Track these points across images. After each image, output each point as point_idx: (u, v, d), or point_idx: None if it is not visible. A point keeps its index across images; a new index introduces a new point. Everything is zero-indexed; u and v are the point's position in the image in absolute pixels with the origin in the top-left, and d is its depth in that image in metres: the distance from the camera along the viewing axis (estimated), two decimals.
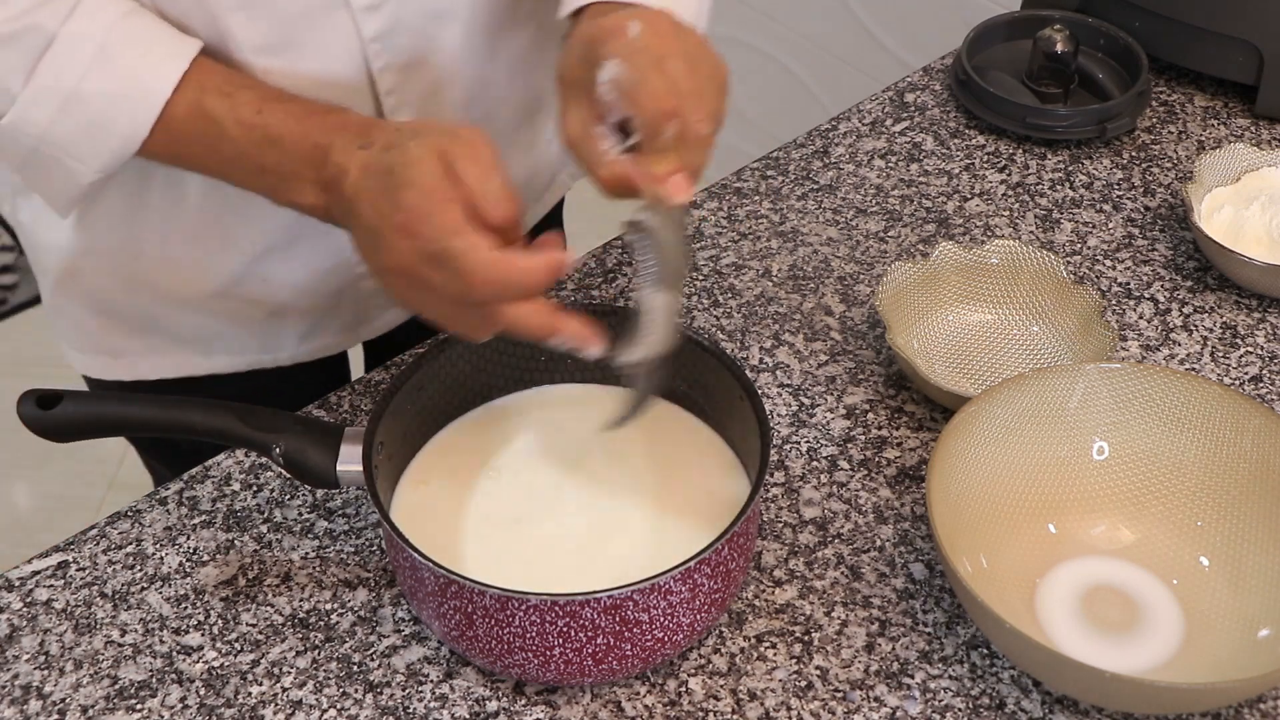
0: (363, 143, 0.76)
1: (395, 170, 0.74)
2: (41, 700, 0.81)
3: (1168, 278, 1.06)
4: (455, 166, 0.73)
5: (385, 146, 0.75)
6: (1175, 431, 0.87)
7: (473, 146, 0.74)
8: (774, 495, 0.91)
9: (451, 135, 0.74)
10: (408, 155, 0.74)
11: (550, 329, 0.76)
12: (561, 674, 0.77)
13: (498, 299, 0.74)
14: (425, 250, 0.73)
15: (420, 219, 0.73)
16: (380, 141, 0.76)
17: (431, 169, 0.73)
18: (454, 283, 0.73)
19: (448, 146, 0.74)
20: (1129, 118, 1.17)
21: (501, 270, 0.72)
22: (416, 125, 0.77)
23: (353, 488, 0.82)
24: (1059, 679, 0.78)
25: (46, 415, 0.80)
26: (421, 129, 0.75)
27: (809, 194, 1.13)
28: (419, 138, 0.75)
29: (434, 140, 0.74)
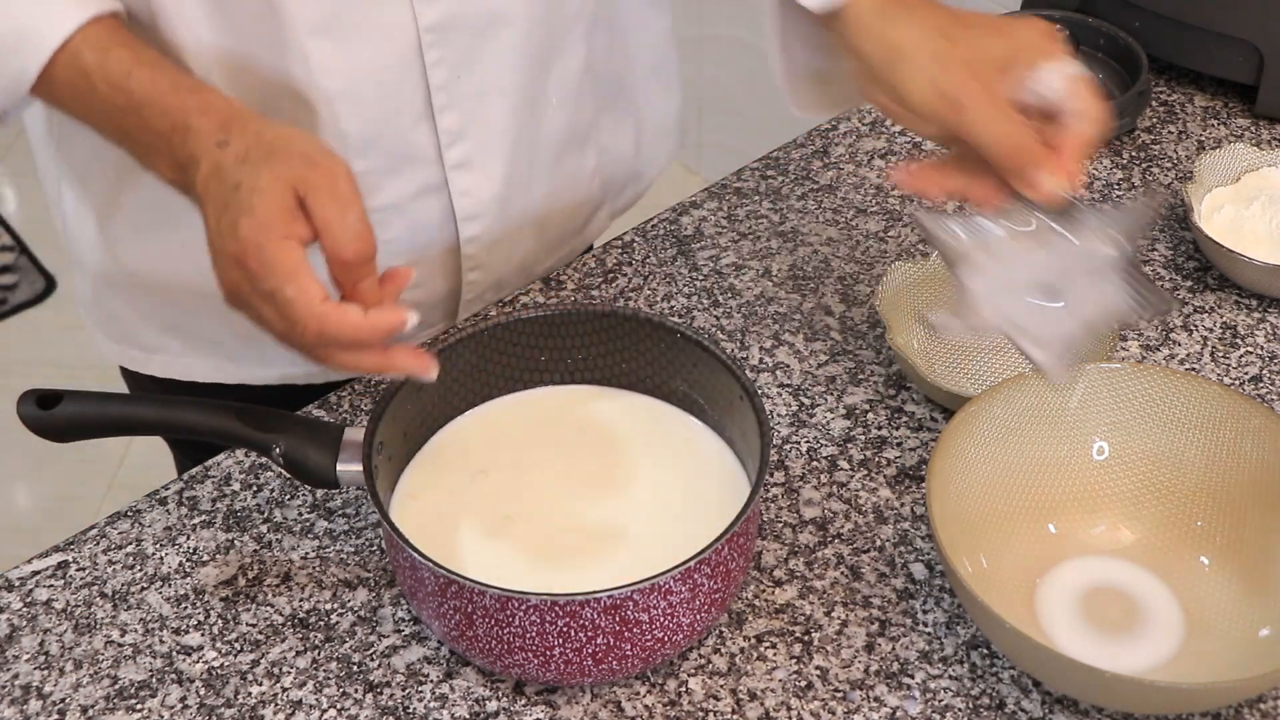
0: (220, 139, 0.74)
1: (241, 192, 0.72)
2: (41, 700, 0.81)
3: (1168, 278, 1.06)
4: (307, 199, 0.72)
5: (240, 157, 0.73)
6: (1175, 432, 0.87)
7: (331, 177, 0.72)
8: (774, 495, 0.91)
9: (310, 163, 0.73)
10: (257, 180, 0.72)
11: (381, 368, 0.75)
12: (561, 674, 0.77)
13: (324, 347, 0.73)
14: (257, 287, 0.72)
15: (253, 253, 0.71)
16: (236, 146, 0.74)
17: (276, 202, 0.71)
18: (281, 323, 0.73)
19: (303, 175, 0.72)
20: (1129, 118, 1.17)
21: (332, 324, 0.71)
22: (278, 138, 0.74)
23: (353, 488, 0.82)
24: (1059, 679, 0.78)
25: (46, 415, 0.80)
26: (280, 147, 0.73)
27: (809, 194, 1.13)
28: (273, 161, 0.72)
29: (289, 169, 0.72)
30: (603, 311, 0.89)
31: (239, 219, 0.71)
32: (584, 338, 0.89)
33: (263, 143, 0.74)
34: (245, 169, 0.72)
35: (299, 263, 0.71)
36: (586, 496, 0.84)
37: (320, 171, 0.72)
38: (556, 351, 0.90)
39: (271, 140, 0.74)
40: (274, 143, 0.74)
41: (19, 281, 2.51)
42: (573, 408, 0.89)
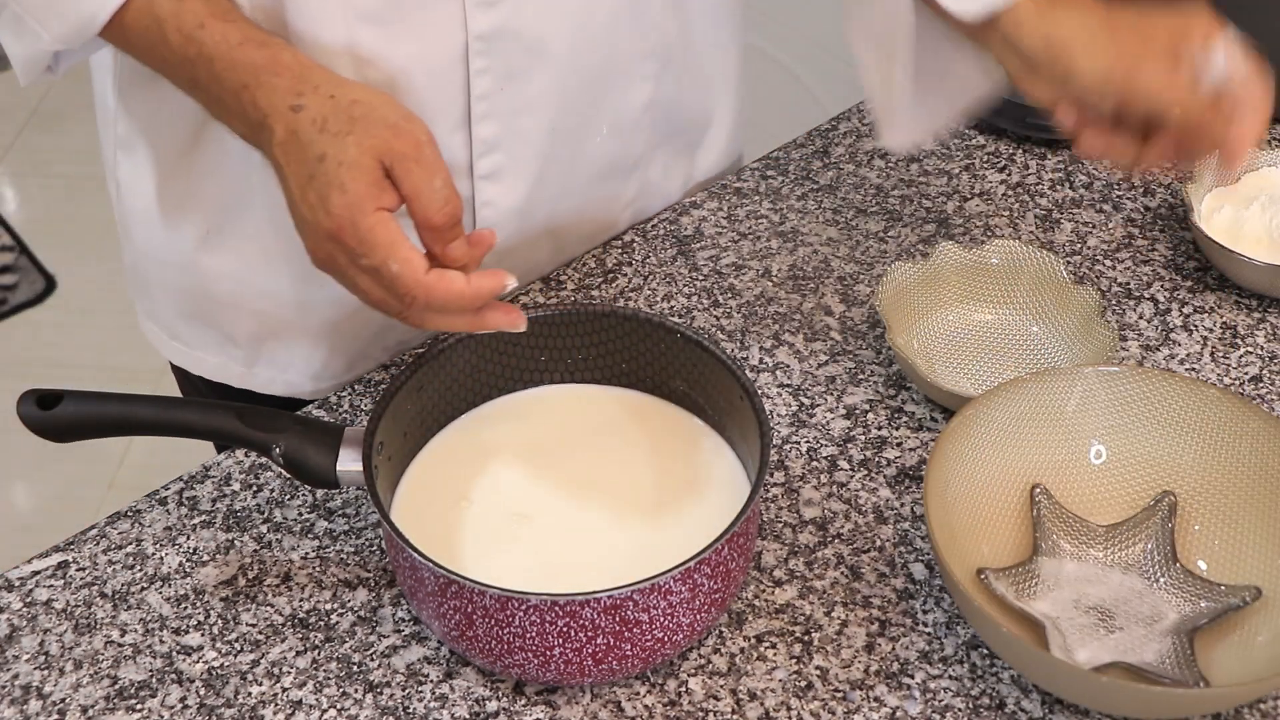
0: (294, 102, 0.74)
1: (327, 164, 0.72)
2: (41, 700, 0.81)
3: (1168, 278, 1.06)
4: (395, 169, 0.72)
5: (318, 124, 0.73)
6: (1173, 435, 0.87)
7: (416, 145, 0.73)
8: (774, 495, 0.91)
9: (393, 130, 0.73)
10: (343, 153, 0.72)
11: (476, 327, 0.76)
12: (561, 674, 0.77)
13: (427, 312, 0.74)
14: (355, 261, 0.72)
15: (349, 230, 0.72)
16: (312, 109, 0.74)
17: (366, 176, 0.72)
18: (381, 293, 0.73)
19: (389, 145, 0.72)
20: None
21: (439, 294, 0.73)
22: (356, 103, 0.74)
23: (353, 488, 0.82)
24: (1056, 683, 0.78)
25: (46, 415, 0.80)
26: (362, 114, 0.73)
27: (809, 194, 1.13)
28: (357, 131, 0.72)
29: (374, 138, 0.72)
30: (603, 311, 0.89)
31: (329, 194, 0.72)
32: (584, 338, 0.89)
33: (341, 109, 0.73)
34: (327, 138, 0.72)
35: (397, 235, 0.72)
36: (586, 496, 0.84)
37: (405, 139, 0.73)
38: (556, 351, 0.90)
39: (350, 106, 0.73)
40: (353, 109, 0.73)
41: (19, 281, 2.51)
42: (572, 408, 0.89)
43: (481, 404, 0.90)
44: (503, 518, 0.84)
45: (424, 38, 0.86)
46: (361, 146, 0.72)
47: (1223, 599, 0.82)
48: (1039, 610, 0.82)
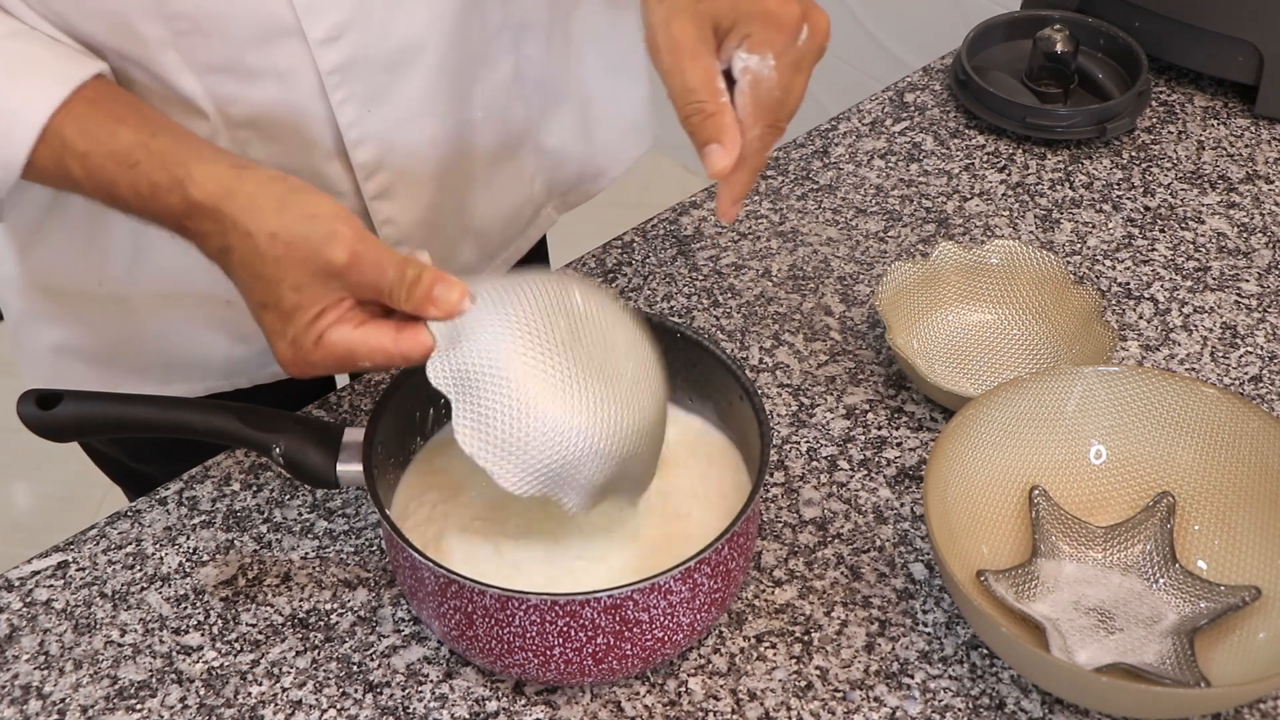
0: (221, 244, 0.74)
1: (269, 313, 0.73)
2: (41, 700, 0.81)
3: (1167, 278, 1.06)
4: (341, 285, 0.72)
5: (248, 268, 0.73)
6: (1173, 435, 0.87)
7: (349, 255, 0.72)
8: (774, 495, 0.91)
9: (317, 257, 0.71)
10: (282, 301, 0.72)
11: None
12: (561, 674, 0.77)
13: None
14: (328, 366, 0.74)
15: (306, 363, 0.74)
16: (238, 252, 0.73)
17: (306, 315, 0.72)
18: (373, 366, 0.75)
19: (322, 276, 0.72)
20: (1129, 118, 1.17)
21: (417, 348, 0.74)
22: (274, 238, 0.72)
23: (353, 488, 0.82)
24: (1055, 683, 0.78)
25: (46, 415, 0.80)
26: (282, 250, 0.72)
27: (809, 194, 1.14)
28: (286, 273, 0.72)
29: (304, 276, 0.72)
30: None
31: (277, 340, 0.73)
32: None
33: (261, 250, 0.72)
34: (261, 285, 0.73)
35: (348, 339, 0.73)
36: None
37: (334, 259, 0.71)
38: None
39: (269, 243, 0.72)
40: (273, 247, 0.72)
41: None
42: None
43: None
44: (502, 517, 0.83)
45: (276, 80, 0.84)
46: (299, 294, 0.72)
47: (1222, 599, 0.82)
48: (1039, 612, 0.82)
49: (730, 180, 0.77)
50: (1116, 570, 0.85)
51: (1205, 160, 1.16)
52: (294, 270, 0.72)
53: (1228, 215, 1.11)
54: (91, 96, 0.76)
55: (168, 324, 0.97)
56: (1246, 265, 1.07)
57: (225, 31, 0.80)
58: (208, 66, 0.82)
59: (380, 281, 0.72)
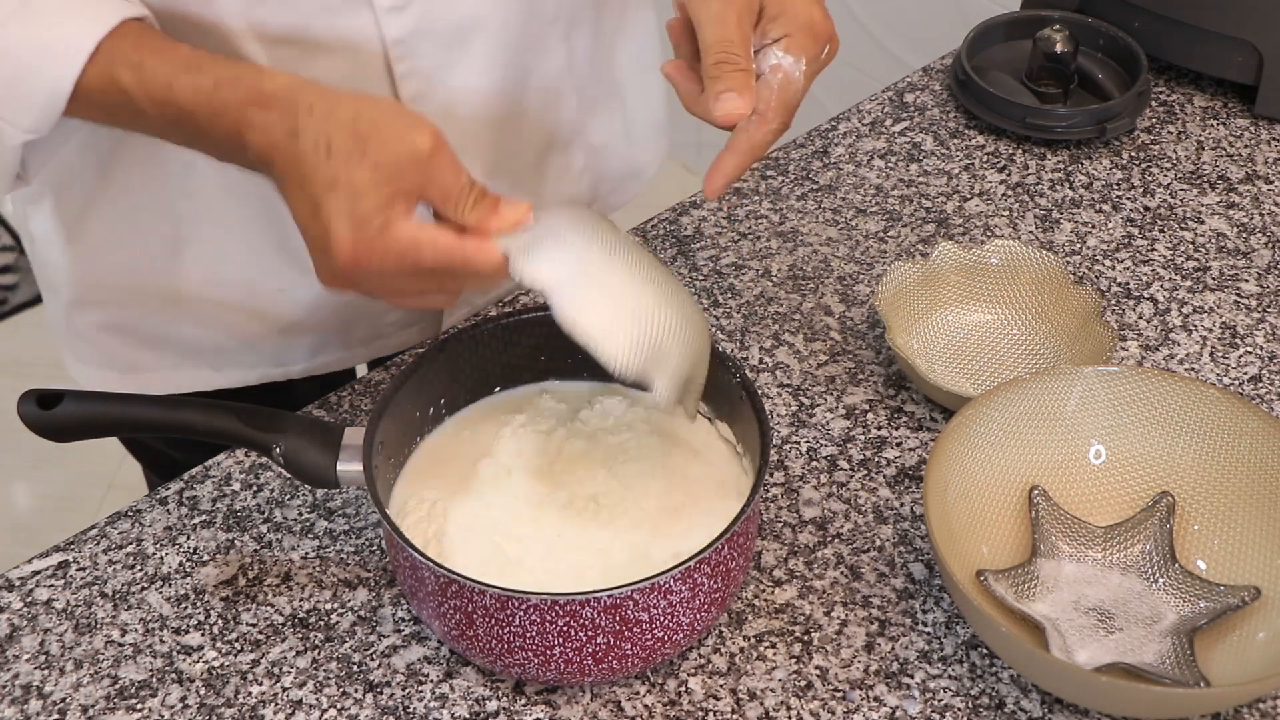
0: (290, 129, 0.72)
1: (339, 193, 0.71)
2: (42, 700, 0.81)
3: (1167, 278, 1.06)
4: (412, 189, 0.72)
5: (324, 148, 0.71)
6: (1172, 435, 0.87)
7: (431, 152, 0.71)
8: (774, 495, 0.91)
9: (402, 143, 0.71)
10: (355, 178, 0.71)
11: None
12: (561, 674, 0.77)
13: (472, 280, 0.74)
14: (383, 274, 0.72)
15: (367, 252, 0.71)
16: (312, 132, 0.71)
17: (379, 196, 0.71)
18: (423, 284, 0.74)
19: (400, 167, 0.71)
20: (1128, 118, 1.17)
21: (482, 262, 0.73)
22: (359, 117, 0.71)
23: (353, 488, 0.82)
24: (1055, 683, 0.78)
25: (47, 415, 0.80)
26: (366, 129, 0.71)
27: (809, 194, 1.14)
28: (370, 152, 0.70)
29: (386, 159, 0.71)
30: None
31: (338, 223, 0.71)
32: None
33: (343, 126, 0.71)
34: (337, 164, 0.71)
35: (415, 232, 0.72)
36: (585, 496, 0.84)
37: (415, 152, 0.71)
38: (557, 352, 0.90)
39: (353, 122, 0.71)
40: (357, 124, 0.71)
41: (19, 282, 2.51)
42: (573, 408, 0.89)
43: (481, 404, 0.90)
44: (502, 516, 0.84)
45: (340, 52, 0.86)
46: (376, 173, 0.71)
47: (1222, 599, 0.82)
48: (1038, 612, 0.82)
49: (726, 161, 0.79)
50: (1116, 570, 0.85)
51: (1205, 160, 1.16)
52: (376, 148, 0.70)
53: (1227, 215, 1.11)
54: (139, 28, 0.76)
55: (215, 311, 0.98)
56: (1246, 265, 1.07)
57: (296, 1, 0.82)
58: (275, 37, 0.83)
59: (455, 182, 0.72)
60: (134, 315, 1.00)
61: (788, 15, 0.80)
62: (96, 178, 0.92)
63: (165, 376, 1.03)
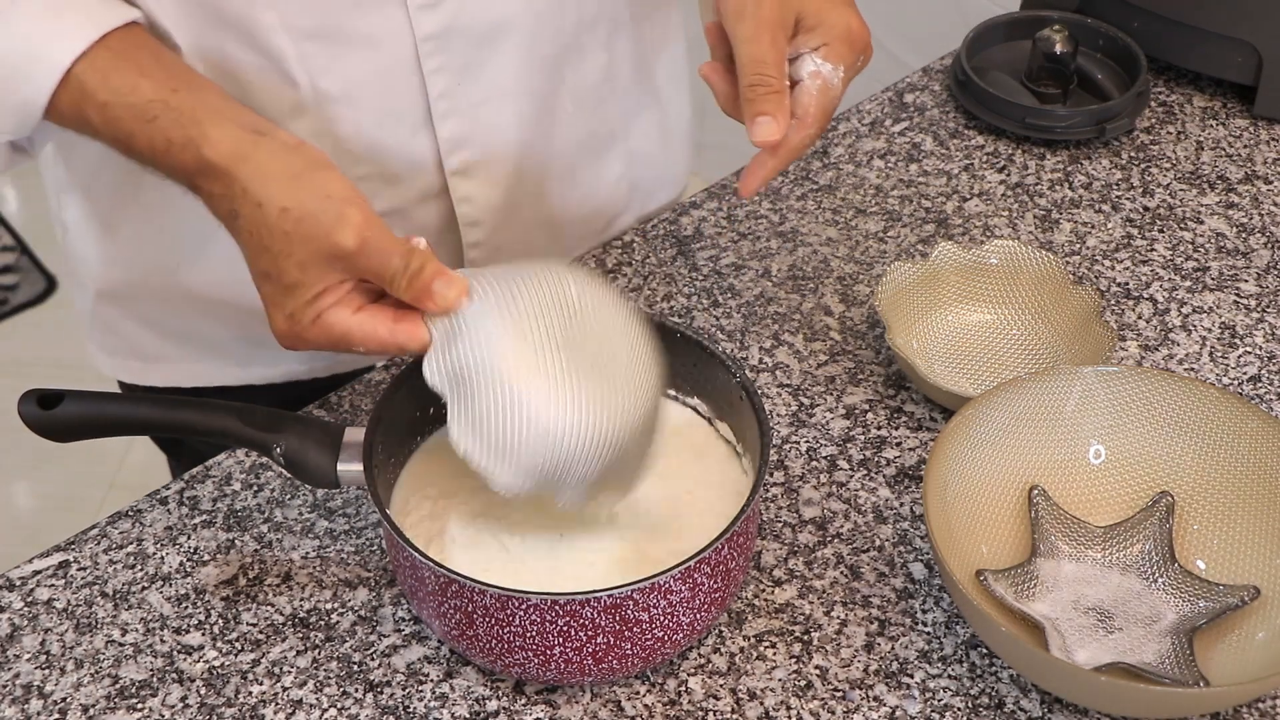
0: (230, 208, 0.73)
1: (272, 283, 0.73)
2: (42, 699, 0.81)
3: (1166, 278, 1.06)
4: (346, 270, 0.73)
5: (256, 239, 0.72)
6: (1171, 435, 0.87)
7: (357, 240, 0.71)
8: (773, 495, 0.91)
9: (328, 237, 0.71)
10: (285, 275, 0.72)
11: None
12: (561, 673, 0.77)
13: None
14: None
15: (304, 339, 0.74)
16: (246, 220, 0.72)
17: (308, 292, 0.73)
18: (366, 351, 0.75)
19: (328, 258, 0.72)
20: (1128, 118, 1.17)
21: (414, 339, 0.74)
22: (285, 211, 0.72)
23: (353, 488, 0.82)
24: (1054, 683, 0.78)
25: (47, 415, 0.80)
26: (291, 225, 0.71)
27: (808, 194, 1.14)
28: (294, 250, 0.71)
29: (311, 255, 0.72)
30: None
31: (275, 312, 0.74)
32: None
33: (271, 223, 0.72)
34: (267, 258, 0.73)
35: (345, 323, 0.73)
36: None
37: (343, 240, 0.71)
38: None
39: (279, 217, 0.72)
40: (283, 220, 0.72)
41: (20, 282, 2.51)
42: None
43: None
44: (503, 516, 0.84)
45: (370, 47, 0.86)
46: (304, 272, 0.72)
47: (1221, 599, 0.82)
48: (1038, 611, 0.82)
49: (764, 162, 0.82)
50: (1116, 570, 0.85)
51: (1204, 160, 1.16)
52: (300, 247, 0.72)
53: (1226, 215, 1.11)
54: (118, 46, 0.76)
55: (239, 307, 0.97)
56: (1245, 265, 1.07)
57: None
58: (305, 31, 0.84)
59: (384, 269, 0.73)
60: (160, 309, 1.00)
61: (826, 25, 0.82)
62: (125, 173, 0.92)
63: (189, 369, 1.03)
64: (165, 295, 0.99)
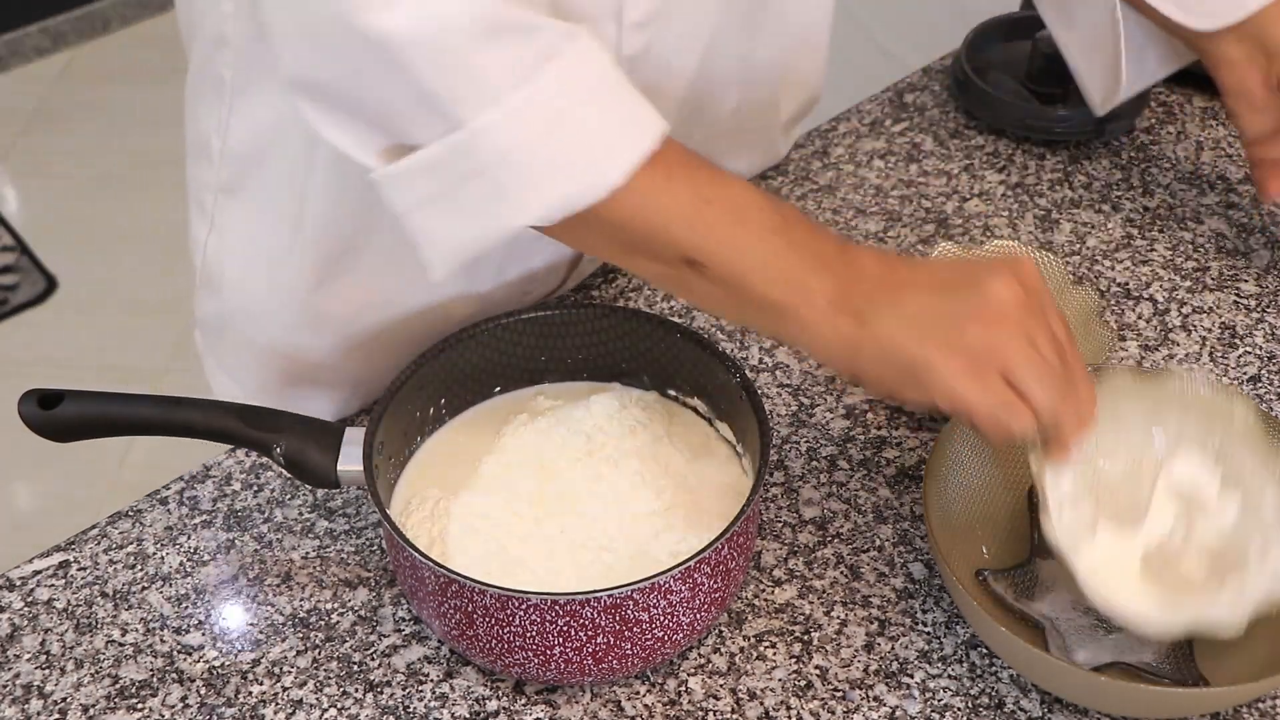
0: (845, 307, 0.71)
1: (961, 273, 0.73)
2: (43, 699, 0.81)
3: (1166, 278, 1.06)
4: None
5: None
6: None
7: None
8: (774, 495, 0.91)
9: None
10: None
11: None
12: (561, 673, 0.77)
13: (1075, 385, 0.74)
14: (1033, 326, 0.71)
15: (1027, 294, 0.72)
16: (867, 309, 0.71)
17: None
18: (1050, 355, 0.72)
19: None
20: (1128, 118, 1.17)
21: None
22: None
23: (353, 487, 0.82)
24: (1054, 683, 0.78)
25: (47, 415, 0.80)
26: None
27: (808, 194, 1.14)
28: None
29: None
30: (603, 311, 0.89)
31: (988, 277, 0.72)
32: (584, 337, 0.90)
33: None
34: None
35: None
36: (586, 495, 0.84)
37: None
38: (557, 351, 0.90)
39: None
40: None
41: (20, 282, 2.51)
42: (573, 407, 0.89)
43: (482, 403, 0.90)
44: (503, 516, 0.84)
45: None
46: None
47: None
48: (1038, 611, 0.82)
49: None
50: None
51: (1204, 160, 1.16)
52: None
53: (1226, 216, 1.11)
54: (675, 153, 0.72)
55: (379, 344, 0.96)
56: (1245, 265, 1.07)
57: None
58: None
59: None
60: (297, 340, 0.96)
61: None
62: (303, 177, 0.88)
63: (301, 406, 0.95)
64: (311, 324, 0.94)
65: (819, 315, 0.71)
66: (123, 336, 2.40)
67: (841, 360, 0.73)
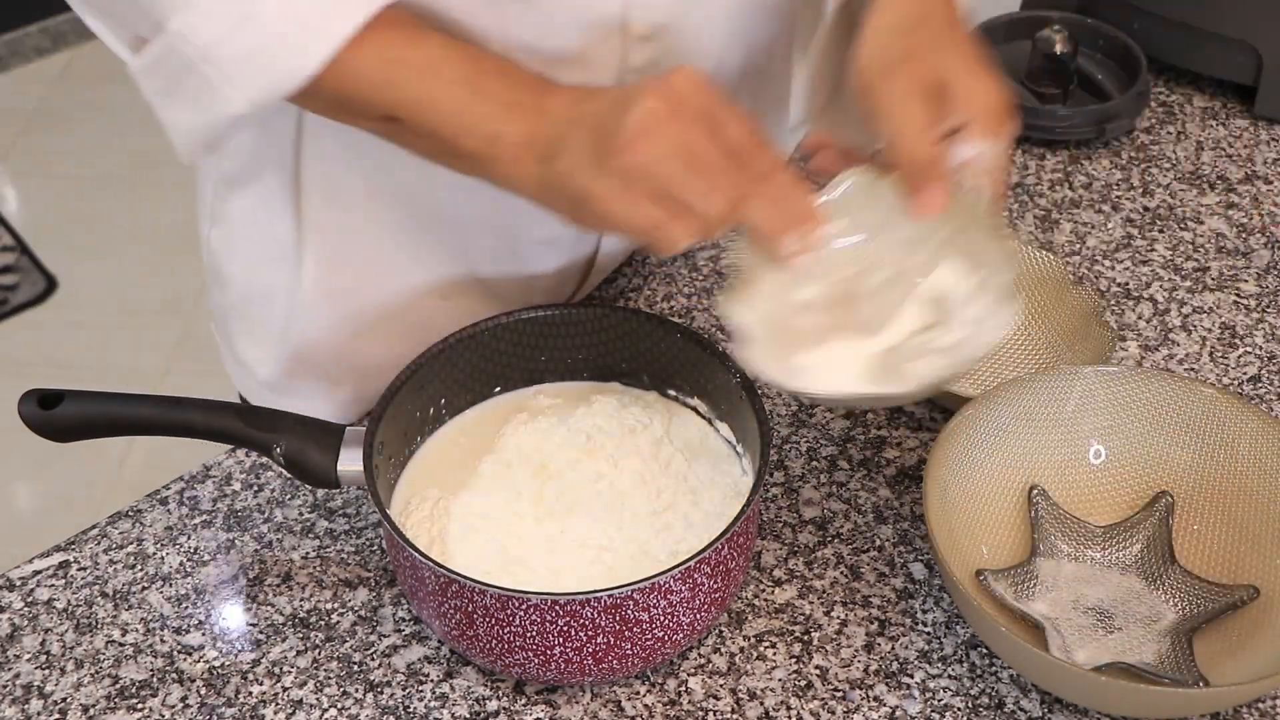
0: (543, 154, 0.72)
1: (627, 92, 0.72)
2: (43, 699, 0.81)
3: (1166, 278, 1.06)
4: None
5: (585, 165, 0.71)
6: (1171, 435, 0.87)
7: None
8: (774, 495, 0.91)
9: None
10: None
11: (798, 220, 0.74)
12: (562, 673, 0.77)
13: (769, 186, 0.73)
14: (691, 125, 0.71)
15: (690, 94, 0.71)
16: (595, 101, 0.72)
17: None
18: (721, 155, 0.71)
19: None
20: (1128, 118, 1.17)
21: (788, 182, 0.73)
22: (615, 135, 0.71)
23: (353, 488, 0.82)
24: (1054, 683, 0.78)
25: (47, 415, 0.80)
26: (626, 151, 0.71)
27: None
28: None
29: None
30: (603, 311, 0.89)
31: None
32: (584, 338, 0.90)
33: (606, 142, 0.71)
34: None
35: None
36: (587, 495, 0.84)
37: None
38: (557, 351, 0.90)
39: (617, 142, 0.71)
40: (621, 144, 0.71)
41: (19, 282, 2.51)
42: (573, 407, 0.89)
43: (481, 403, 0.90)
44: (503, 516, 0.84)
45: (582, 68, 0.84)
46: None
47: (1221, 599, 0.82)
48: (1038, 611, 0.82)
49: None
50: (1115, 570, 0.85)
51: (1204, 161, 1.17)
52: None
53: (1226, 216, 1.11)
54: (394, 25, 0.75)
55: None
56: (1245, 265, 1.07)
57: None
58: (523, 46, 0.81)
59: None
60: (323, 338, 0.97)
61: (973, 100, 0.79)
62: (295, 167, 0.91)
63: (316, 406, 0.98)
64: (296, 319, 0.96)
65: (510, 160, 0.74)
66: (123, 336, 2.40)
67: (541, 202, 0.75)
